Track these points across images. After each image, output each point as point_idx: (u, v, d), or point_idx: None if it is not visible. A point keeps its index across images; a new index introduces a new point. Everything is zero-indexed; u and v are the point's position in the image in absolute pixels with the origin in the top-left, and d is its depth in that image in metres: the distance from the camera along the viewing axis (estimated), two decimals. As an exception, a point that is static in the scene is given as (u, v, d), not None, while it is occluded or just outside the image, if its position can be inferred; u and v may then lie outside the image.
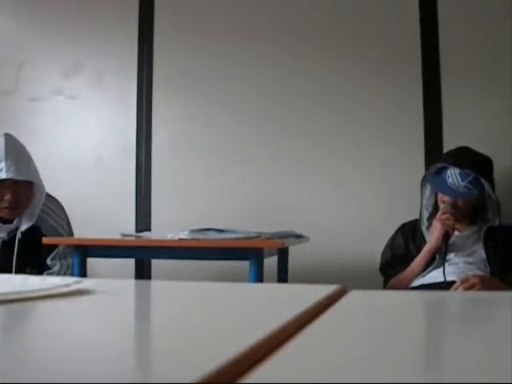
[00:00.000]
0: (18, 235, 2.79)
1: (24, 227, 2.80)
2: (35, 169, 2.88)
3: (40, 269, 2.85)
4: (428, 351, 0.62)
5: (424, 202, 2.90)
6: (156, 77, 3.71)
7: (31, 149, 3.60)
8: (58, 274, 2.84)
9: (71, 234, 3.00)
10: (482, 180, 2.74)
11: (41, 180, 2.88)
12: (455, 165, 2.77)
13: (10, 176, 2.72)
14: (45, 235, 2.83)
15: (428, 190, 2.90)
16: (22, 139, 3.31)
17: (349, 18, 3.51)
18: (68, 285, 0.91)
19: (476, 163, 2.79)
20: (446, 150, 3.16)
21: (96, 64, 3.81)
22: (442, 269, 2.66)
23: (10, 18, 3.99)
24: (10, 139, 2.83)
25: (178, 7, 3.72)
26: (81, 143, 3.79)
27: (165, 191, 3.66)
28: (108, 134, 3.77)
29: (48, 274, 2.83)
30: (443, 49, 3.38)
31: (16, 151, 2.80)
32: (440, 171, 2.82)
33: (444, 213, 2.73)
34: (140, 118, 3.70)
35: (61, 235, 2.91)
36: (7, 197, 2.77)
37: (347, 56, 3.49)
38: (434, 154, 3.25)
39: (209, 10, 3.68)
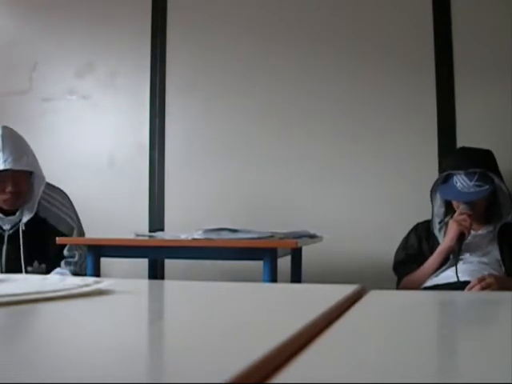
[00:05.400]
0: (22, 227, 2.80)
1: (26, 218, 2.81)
2: (33, 158, 2.87)
3: (48, 262, 2.84)
4: (449, 352, 0.62)
5: (435, 211, 2.90)
6: (169, 76, 3.71)
7: (44, 149, 3.62)
8: (79, 262, 2.85)
9: (79, 223, 2.99)
10: (489, 173, 2.74)
11: (40, 168, 2.87)
12: (458, 168, 2.77)
13: (8, 167, 2.72)
14: (53, 226, 2.85)
15: (438, 199, 2.89)
16: (35, 139, 3.33)
17: (361, 19, 3.50)
18: (88, 285, 0.91)
19: (478, 160, 2.79)
20: (459, 149, 3.15)
21: (109, 64, 3.82)
22: (455, 269, 2.65)
23: (23, 19, 4.01)
24: (6, 130, 2.82)
25: (191, 7, 3.72)
26: (94, 143, 3.80)
27: (178, 191, 3.66)
28: (121, 134, 3.78)
29: (67, 263, 2.84)
30: (456, 49, 3.36)
31: (13, 142, 2.79)
32: (446, 179, 2.82)
33: (461, 213, 2.72)
34: (153, 118, 3.71)
35: (70, 225, 2.90)
36: (8, 188, 2.77)
37: (359, 56, 3.48)
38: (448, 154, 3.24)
39: (222, 9, 3.68)
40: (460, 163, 2.78)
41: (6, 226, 2.85)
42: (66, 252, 2.87)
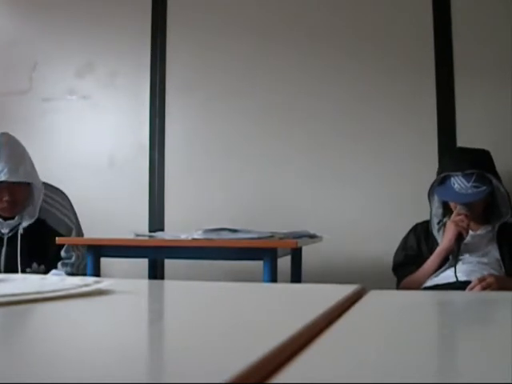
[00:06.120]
0: (20, 231, 2.79)
1: (26, 223, 2.79)
2: (31, 167, 2.84)
3: (47, 263, 2.83)
4: (449, 352, 0.61)
5: (433, 211, 2.90)
6: (169, 76, 3.71)
7: (44, 149, 3.63)
8: (76, 264, 2.84)
9: (78, 224, 2.98)
10: (487, 174, 2.74)
11: (37, 178, 2.85)
12: (456, 170, 2.76)
13: (3, 178, 2.69)
14: (51, 227, 2.84)
15: (436, 201, 2.89)
16: (35, 139, 3.34)
17: (361, 19, 3.50)
18: (88, 285, 0.91)
19: (475, 161, 2.78)
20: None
21: (109, 64, 3.82)
22: (454, 269, 2.65)
23: (23, 19, 4.01)
24: (3, 138, 2.79)
25: (191, 7, 3.72)
26: (94, 143, 3.80)
27: (178, 191, 3.66)
28: (121, 134, 3.78)
29: (63, 265, 2.83)
30: (456, 49, 3.36)
31: (10, 151, 2.76)
32: (444, 180, 2.82)
33: (458, 214, 2.72)
34: (153, 118, 3.71)
35: (68, 227, 2.89)
36: (5, 198, 2.75)
37: (360, 57, 3.48)
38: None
39: (222, 8, 3.68)
40: (457, 164, 2.78)
41: (5, 230, 2.83)
42: (63, 253, 2.86)
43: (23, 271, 2.76)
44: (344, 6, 3.53)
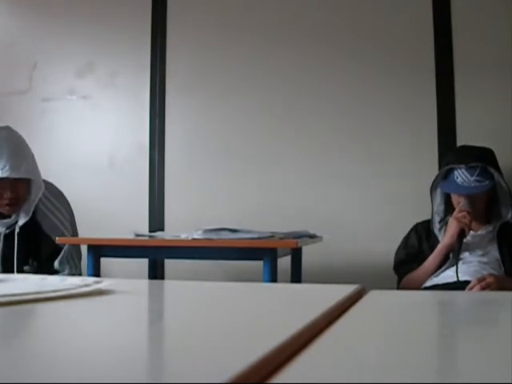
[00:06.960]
0: (17, 229, 2.77)
1: (22, 222, 2.77)
2: (33, 163, 2.82)
3: (40, 264, 2.80)
4: (449, 352, 0.61)
5: (435, 208, 2.90)
6: (169, 76, 3.71)
7: (44, 149, 3.63)
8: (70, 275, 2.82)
9: (74, 232, 2.96)
10: (490, 169, 2.75)
11: (39, 175, 2.83)
12: (460, 163, 2.77)
13: (5, 175, 2.68)
14: (45, 233, 2.81)
15: (438, 196, 2.89)
16: (35, 139, 3.33)
17: (361, 19, 3.50)
18: (88, 285, 0.91)
19: (479, 155, 2.79)
20: (459, 149, 3.15)
21: (109, 64, 3.82)
22: (455, 268, 2.65)
23: (23, 19, 4.01)
24: (6, 134, 2.78)
25: (191, 7, 3.72)
26: (94, 143, 3.80)
27: (178, 191, 3.66)
28: (121, 134, 3.78)
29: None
30: (456, 49, 3.36)
31: (12, 147, 2.74)
32: (447, 175, 2.82)
33: (461, 211, 2.72)
34: (153, 118, 3.71)
35: (61, 233, 2.84)
36: (6, 194, 2.75)
37: (360, 57, 3.48)
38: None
39: (222, 9, 3.68)
40: (461, 158, 2.79)
41: (2, 228, 2.83)
42: (56, 265, 2.81)
43: (20, 269, 2.75)
44: (344, 6, 3.53)
